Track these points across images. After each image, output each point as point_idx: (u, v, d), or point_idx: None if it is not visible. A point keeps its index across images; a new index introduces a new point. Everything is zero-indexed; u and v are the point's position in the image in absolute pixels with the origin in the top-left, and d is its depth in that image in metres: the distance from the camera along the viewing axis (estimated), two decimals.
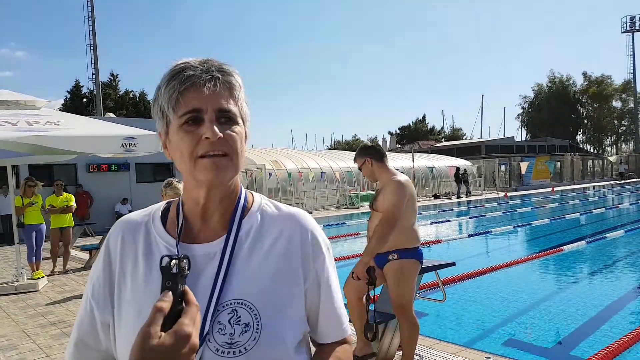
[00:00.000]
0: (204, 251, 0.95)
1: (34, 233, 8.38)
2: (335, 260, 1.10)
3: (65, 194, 9.05)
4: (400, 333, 3.64)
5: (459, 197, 26.14)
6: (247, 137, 0.97)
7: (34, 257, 8.39)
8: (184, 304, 0.75)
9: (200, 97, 0.88)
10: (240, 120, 0.93)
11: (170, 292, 0.74)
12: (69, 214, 9.07)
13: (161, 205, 1.06)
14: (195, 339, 0.73)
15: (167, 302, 0.73)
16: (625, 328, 4.86)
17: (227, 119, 0.90)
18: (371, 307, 3.65)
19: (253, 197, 1.05)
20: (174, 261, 0.76)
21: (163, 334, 0.71)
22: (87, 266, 9.22)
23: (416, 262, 3.58)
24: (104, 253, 1.01)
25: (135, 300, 0.94)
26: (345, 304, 1.21)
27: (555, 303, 6.18)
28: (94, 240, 10.84)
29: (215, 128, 0.87)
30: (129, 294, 0.95)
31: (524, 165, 31.63)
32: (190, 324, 0.73)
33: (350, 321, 3.66)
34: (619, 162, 45.17)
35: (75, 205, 9.20)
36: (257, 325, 0.89)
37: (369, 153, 3.71)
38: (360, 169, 3.79)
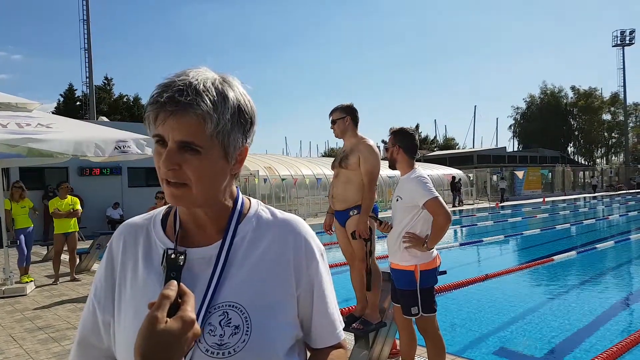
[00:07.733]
0: (200, 255, 0.96)
1: (22, 236, 8.27)
2: (329, 267, 1.10)
3: (70, 197, 8.52)
4: (366, 281, 3.86)
5: (454, 205, 26.27)
6: (223, 163, 0.92)
7: (25, 262, 8.30)
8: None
9: (164, 125, 0.87)
10: (205, 150, 0.88)
11: (176, 282, 0.79)
12: (74, 219, 8.48)
13: (162, 209, 1.08)
14: (198, 325, 0.77)
15: (173, 290, 0.77)
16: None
17: (190, 149, 0.87)
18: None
19: (250, 202, 1.06)
20: (181, 256, 0.83)
21: (169, 319, 0.74)
22: (77, 271, 8.94)
23: (373, 216, 3.92)
24: (107, 255, 1.04)
25: (134, 301, 0.96)
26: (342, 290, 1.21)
27: (546, 312, 6.20)
28: (84, 245, 10.70)
29: (166, 161, 0.86)
30: (129, 294, 0.98)
31: (520, 174, 32.01)
32: (193, 311, 0.77)
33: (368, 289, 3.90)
34: (608, 174, 45.38)
35: (81, 209, 8.67)
36: (247, 327, 0.90)
37: (351, 112, 3.96)
38: (334, 121, 3.97)
